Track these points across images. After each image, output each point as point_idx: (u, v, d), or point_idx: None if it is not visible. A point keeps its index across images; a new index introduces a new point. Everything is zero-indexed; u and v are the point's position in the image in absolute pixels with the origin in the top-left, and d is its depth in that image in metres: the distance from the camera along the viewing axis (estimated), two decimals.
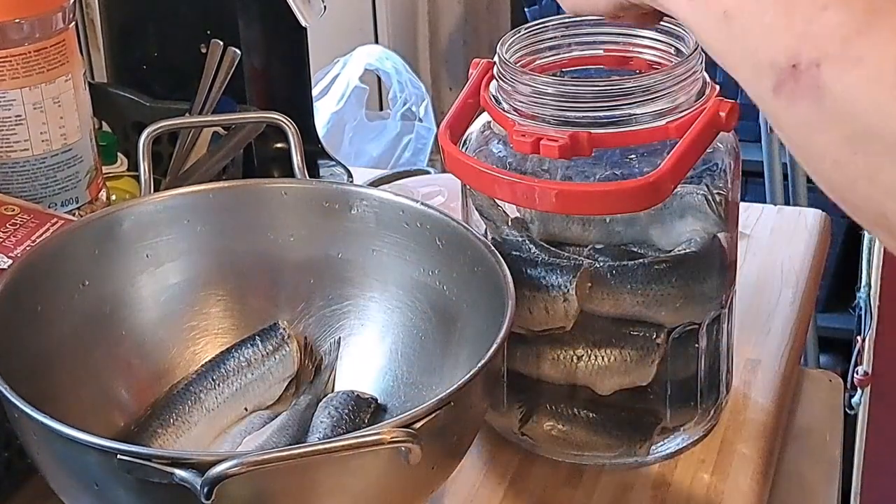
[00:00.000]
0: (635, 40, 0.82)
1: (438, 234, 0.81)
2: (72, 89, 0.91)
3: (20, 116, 0.88)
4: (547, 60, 0.83)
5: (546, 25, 0.83)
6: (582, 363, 0.80)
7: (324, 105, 2.19)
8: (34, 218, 0.85)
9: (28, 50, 0.87)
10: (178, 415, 0.80)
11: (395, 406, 0.82)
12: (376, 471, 0.66)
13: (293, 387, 0.84)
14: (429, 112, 2.31)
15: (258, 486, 0.63)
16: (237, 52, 1.07)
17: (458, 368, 0.76)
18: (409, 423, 0.63)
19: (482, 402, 0.72)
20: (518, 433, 0.84)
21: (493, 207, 0.84)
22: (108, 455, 0.62)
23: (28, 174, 0.90)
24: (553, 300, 0.79)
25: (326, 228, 0.85)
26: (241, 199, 0.86)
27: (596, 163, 0.77)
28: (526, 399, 0.83)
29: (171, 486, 0.60)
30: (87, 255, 0.81)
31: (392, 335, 0.84)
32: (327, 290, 0.86)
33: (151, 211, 0.84)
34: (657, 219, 0.80)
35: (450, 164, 0.80)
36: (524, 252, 0.81)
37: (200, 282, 0.85)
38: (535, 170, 0.79)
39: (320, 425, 0.78)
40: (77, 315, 0.80)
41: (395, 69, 2.29)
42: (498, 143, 0.80)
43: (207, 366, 0.83)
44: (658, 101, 0.76)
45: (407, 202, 0.83)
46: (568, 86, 0.77)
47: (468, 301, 0.79)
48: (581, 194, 0.76)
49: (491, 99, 0.81)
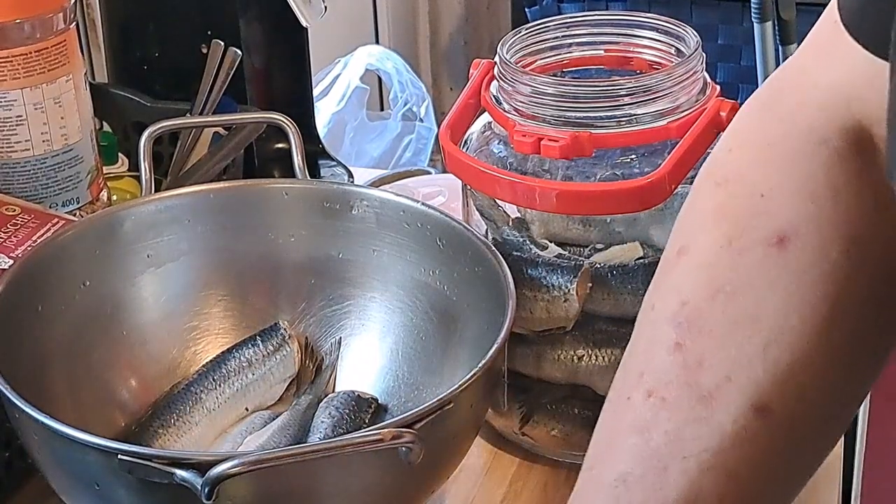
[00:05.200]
0: (636, 40, 0.82)
1: (439, 235, 0.81)
2: (73, 89, 0.91)
3: (21, 117, 0.88)
4: (547, 61, 0.83)
5: (547, 26, 0.83)
6: (583, 363, 0.80)
7: (324, 105, 2.19)
8: (35, 218, 0.85)
9: (29, 50, 0.87)
10: (178, 415, 0.80)
11: (395, 406, 0.82)
12: (376, 471, 0.66)
13: (294, 387, 0.84)
14: (429, 112, 2.31)
15: (259, 486, 0.63)
16: (238, 52, 1.07)
17: (459, 369, 0.76)
18: (409, 423, 0.63)
19: (483, 403, 0.72)
20: (518, 433, 0.84)
21: (493, 208, 0.84)
22: (109, 455, 0.62)
23: (29, 174, 0.90)
24: (554, 300, 0.79)
25: (327, 228, 0.85)
26: (241, 199, 0.86)
27: (596, 163, 0.77)
28: (526, 399, 0.83)
29: (171, 486, 0.60)
30: (88, 256, 0.81)
31: (393, 335, 0.84)
32: (328, 291, 0.86)
33: (152, 211, 0.84)
34: (658, 219, 0.80)
35: (450, 165, 0.80)
36: (525, 252, 0.81)
37: (201, 282, 0.85)
38: (535, 170, 0.79)
39: (321, 425, 0.78)
40: (78, 315, 0.80)
41: (395, 69, 2.29)
42: (499, 143, 0.80)
43: (208, 366, 0.83)
44: (659, 101, 0.76)
45: (408, 202, 0.83)
46: (568, 86, 0.77)
47: (469, 301, 0.79)
48: (582, 194, 0.76)
49: (492, 99, 0.81)
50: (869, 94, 0.56)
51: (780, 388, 0.53)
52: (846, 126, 0.57)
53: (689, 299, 0.55)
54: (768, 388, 0.53)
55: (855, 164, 0.56)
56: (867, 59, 0.55)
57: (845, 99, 0.57)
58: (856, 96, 0.56)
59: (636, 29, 0.82)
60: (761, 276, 0.55)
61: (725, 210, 0.57)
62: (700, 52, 0.78)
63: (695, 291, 0.56)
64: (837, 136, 0.56)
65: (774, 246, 0.55)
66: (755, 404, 0.53)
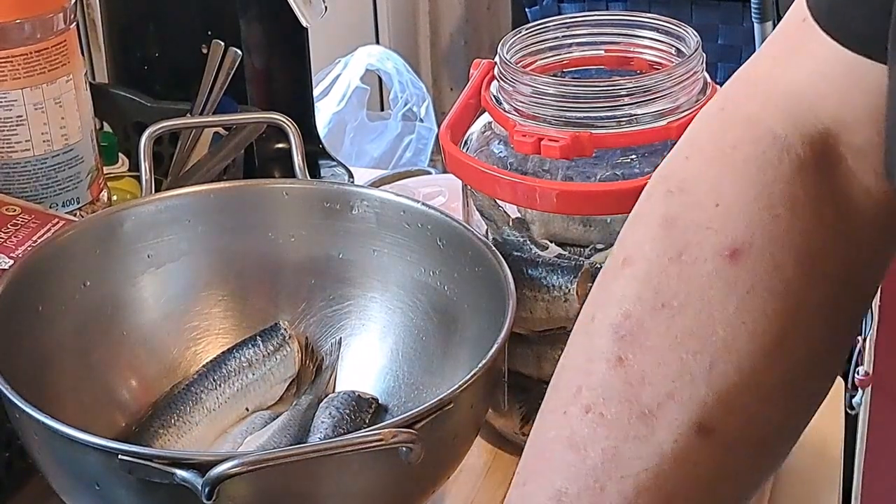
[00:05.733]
0: (636, 41, 0.82)
1: (439, 235, 0.81)
2: (73, 89, 0.91)
3: (21, 117, 0.88)
4: (548, 61, 0.83)
5: (547, 26, 0.83)
6: None
7: (325, 105, 2.19)
8: (35, 218, 0.85)
9: (29, 50, 0.87)
10: (179, 415, 0.80)
11: (395, 406, 0.82)
12: (377, 471, 0.66)
13: (294, 387, 0.84)
14: (430, 112, 2.31)
15: (259, 486, 0.63)
16: (238, 52, 1.07)
17: (459, 369, 0.76)
18: (409, 423, 0.63)
19: (483, 403, 0.72)
20: (519, 433, 0.84)
21: (493, 208, 0.84)
22: (110, 455, 0.62)
23: (29, 174, 0.90)
24: (554, 300, 0.79)
25: (327, 229, 0.85)
26: (242, 199, 0.86)
27: (597, 163, 0.77)
28: (527, 399, 0.83)
29: (172, 487, 0.60)
30: (89, 256, 0.81)
31: (393, 335, 0.84)
32: (328, 291, 0.86)
33: (152, 211, 0.84)
34: None
35: (451, 165, 0.80)
36: (525, 252, 0.81)
37: (201, 282, 0.85)
38: (535, 170, 0.79)
39: (321, 425, 0.78)
40: (78, 315, 0.80)
41: (395, 69, 2.29)
42: (499, 143, 0.80)
43: (209, 366, 0.83)
44: (659, 101, 0.76)
45: (408, 202, 0.83)
46: (569, 86, 0.77)
47: (469, 301, 0.79)
48: (582, 194, 0.76)
49: (492, 99, 0.81)
50: (839, 92, 0.54)
51: (724, 407, 0.52)
52: (810, 133, 0.54)
53: (633, 312, 0.53)
54: (712, 407, 0.51)
55: (817, 175, 0.54)
56: (838, 54, 0.53)
57: (813, 103, 0.54)
58: (825, 97, 0.54)
59: (636, 29, 0.82)
60: (710, 290, 0.53)
61: (676, 220, 0.55)
62: (700, 53, 0.78)
63: (639, 304, 0.54)
64: (801, 144, 0.54)
65: (726, 259, 0.53)
66: (697, 423, 0.51)
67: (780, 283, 0.53)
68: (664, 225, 0.55)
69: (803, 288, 0.53)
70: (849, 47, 0.53)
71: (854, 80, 0.53)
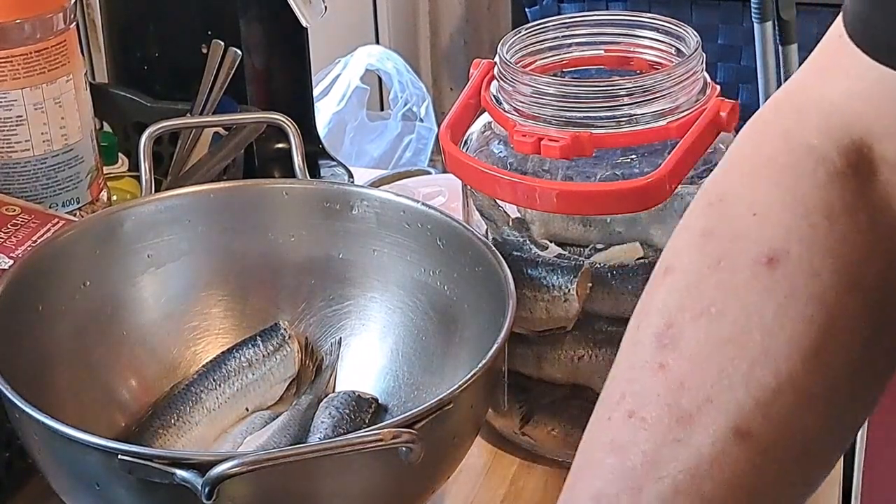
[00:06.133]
0: (636, 40, 0.82)
1: (439, 235, 0.81)
2: (73, 89, 0.91)
3: (21, 117, 0.88)
4: (548, 61, 0.83)
5: (546, 26, 0.83)
6: (583, 363, 0.80)
7: (325, 105, 2.19)
8: (35, 218, 0.85)
9: (29, 50, 0.87)
10: (179, 415, 0.80)
11: (395, 406, 0.82)
12: (376, 471, 0.66)
13: (294, 387, 0.84)
14: (429, 112, 2.31)
15: (259, 486, 0.63)
16: (238, 52, 1.07)
17: (459, 369, 0.76)
18: (409, 423, 0.63)
19: (483, 403, 0.72)
20: (519, 433, 0.84)
21: (493, 208, 0.84)
22: (110, 455, 0.62)
23: (29, 174, 0.90)
24: (554, 300, 0.79)
25: (327, 229, 0.85)
26: (241, 199, 0.86)
27: (597, 163, 0.77)
28: (527, 399, 0.83)
29: (172, 487, 0.60)
30: (88, 256, 0.81)
31: (393, 335, 0.84)
32: (328, 291, 0.86)
33: (152, 211, 0.84)
34: (658, 219, 0.80)
35: (451, 165, 0.80)
36: (525, 252, 0.81)
37: (201, 282, 0.85)
38: (535, 170, 0.79)
39: (321, 425, 0.78)
40: (78, 315, 0.80)
41: (395, 69, 2.29)
42: (499, 143, 0.80)
43: (208, 366, 0.83)
44: (659, 101, 0.76)
45: (408, 202, 0.83)
46: (569, 86, 0.77)
47: (469, 301, 0.79)
48: (582, 194, 0.76)
49: (492, 99, 0.81)
50: (873, 106, 0.55)
51: (762, 411, 0.52)
52: (846, 145, 0.56)
53: (674, 320, 0.55)
54: (750, 411, 0.52)
55: (853, 184, 0.55)
56: (872, 69, 0.54)
57: (847, 116, 0.56)
58: (858, 112, 0.55)
59: (636, 29, 0.82)
60: (748, 296, 0.54)
61: (714, 230, 0.56)
62: (700, 52, 0.78)
63: (679, 312, 0.55)
64: (836, 155, 0.55)
65: (764, 266, 0.54)
66: (735, 427, 0.52)
67: (818, 290, 0.53)
68: (703, 235, 0.57)
69: (841, 295, 0.54)
70: (881, 61, 0.54)
71: (887, 94, 0.54)
